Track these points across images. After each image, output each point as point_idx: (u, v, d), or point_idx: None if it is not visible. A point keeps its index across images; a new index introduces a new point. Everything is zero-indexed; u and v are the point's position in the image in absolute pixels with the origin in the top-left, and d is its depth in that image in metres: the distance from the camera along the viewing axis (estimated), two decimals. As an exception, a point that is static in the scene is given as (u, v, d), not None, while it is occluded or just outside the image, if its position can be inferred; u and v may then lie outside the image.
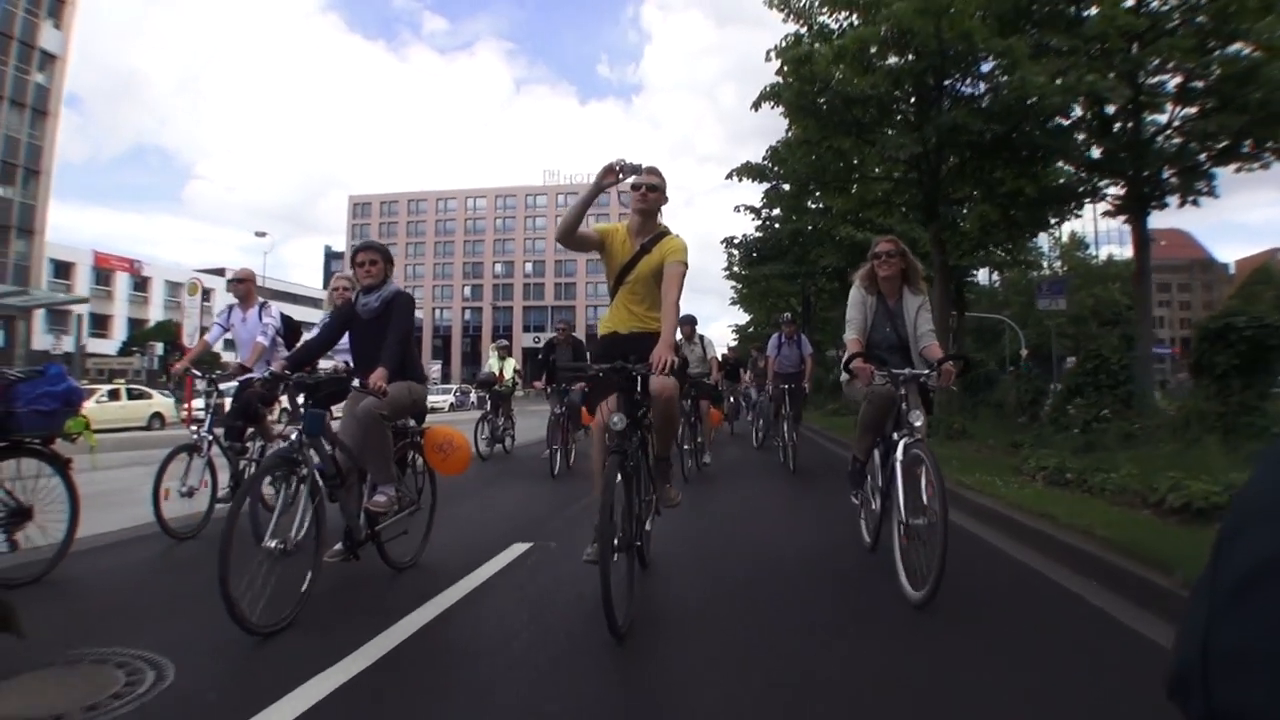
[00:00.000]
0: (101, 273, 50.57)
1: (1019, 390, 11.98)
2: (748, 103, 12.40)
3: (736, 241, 22.83)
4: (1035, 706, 2.43)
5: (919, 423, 3.71)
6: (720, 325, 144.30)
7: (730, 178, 14.28)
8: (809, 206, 18.49)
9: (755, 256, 22.03)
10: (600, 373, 3.53)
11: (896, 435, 3.79)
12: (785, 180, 15.00)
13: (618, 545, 3.11)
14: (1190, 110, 12.45)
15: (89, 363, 41.44)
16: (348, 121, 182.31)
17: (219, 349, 6.87)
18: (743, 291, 31.42)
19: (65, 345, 35.72)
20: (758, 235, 21.62)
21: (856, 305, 4.30)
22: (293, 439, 3.52)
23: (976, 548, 4.74)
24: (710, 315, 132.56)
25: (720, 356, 13.27)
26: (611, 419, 3.31)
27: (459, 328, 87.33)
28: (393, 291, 4.14)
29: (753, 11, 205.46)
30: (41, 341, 40.76)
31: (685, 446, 8.35)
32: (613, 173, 3.43)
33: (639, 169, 3.54)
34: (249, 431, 5.55)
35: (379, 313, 4.08)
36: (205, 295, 58.01)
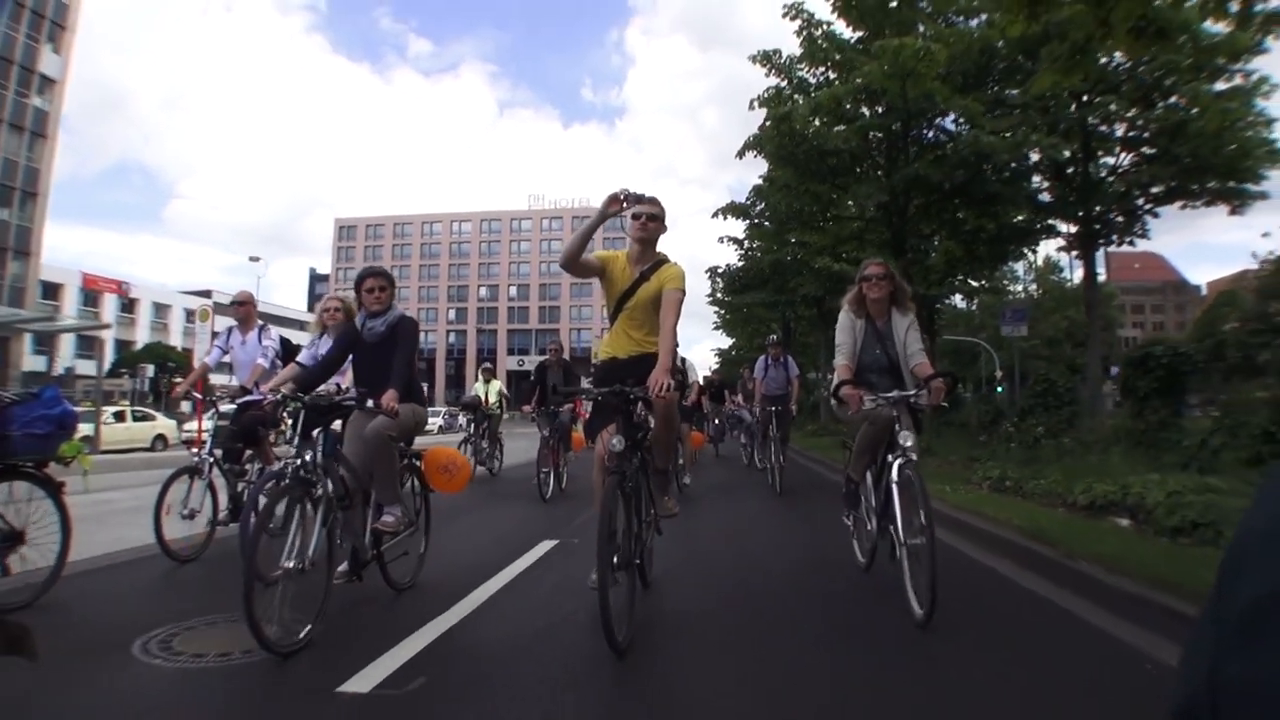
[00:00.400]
0: (89, 294, 50.70)
1: (979, 411, 13.17)
2: (730, 126, 14.19)
3: (720, 271, 24.07)
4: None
5: (910, 443, 3.75)
6: (703, 348, 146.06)
7: (716, 216, 15.48)
8: (789, 240, 19.73)
9: (738, 285, 23.21)
10: (599, 396, 3.64)
11: (891, 457, 3.84)
12: (766, 219, 16.23)
13: (617, 564, 3.20)
14: (1134, 156, 13.91)
15: (79, 384, 41.78)
16: (332, 142, 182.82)
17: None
18: (726, 317, 32.66)
19: (60, 367, 36.22)
20: (740, 265, 22.84)
21: (845, 330, 4.30)
22: (306, 459, 3.51)
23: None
24: (692, 338, 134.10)
25: (704, 379, 14.13)
26: (611, 441, 3.41)
27: (443, 350, 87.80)
28: (397, 316, 4.20)
29: (735, 36, 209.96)
30: (32, 363, 41.25)
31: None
32: (617, 201, 3.50)
33: (642, 198, 3.66)
34: (247, 454, 5.55)
35: (384, 337, 4.13)
36: (190, 317, 58.64)
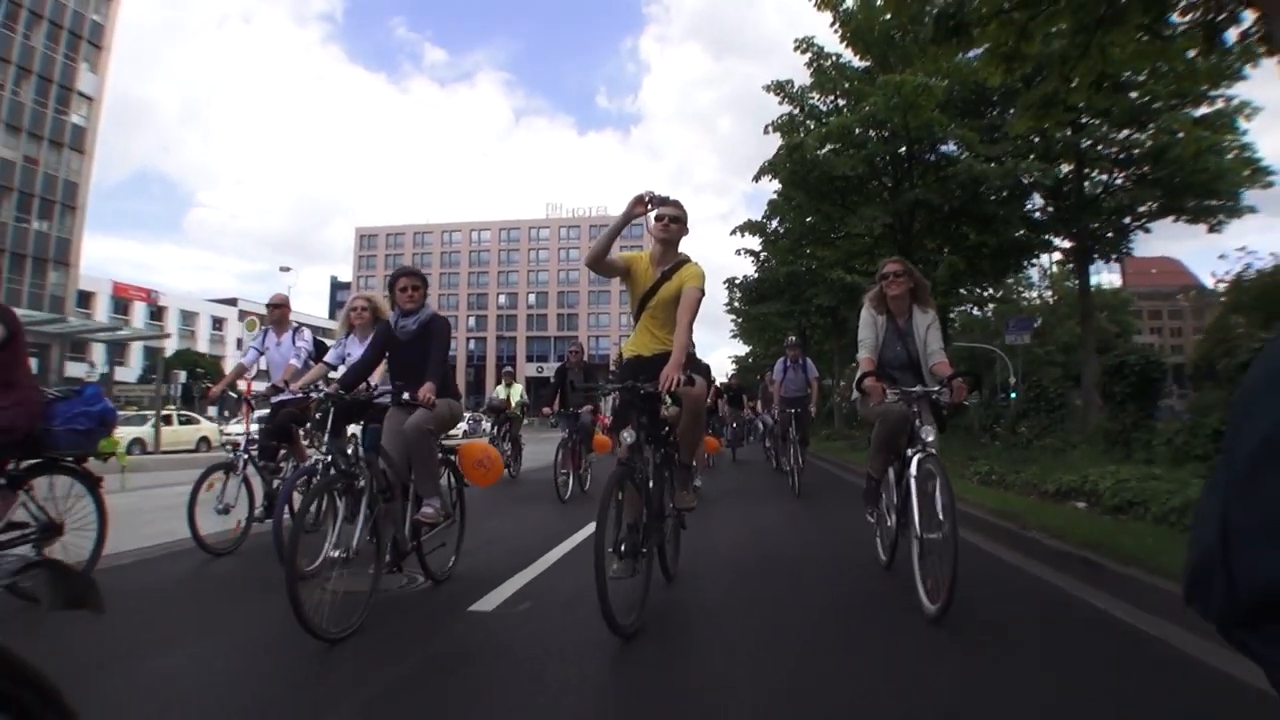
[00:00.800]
0: (120, 302, 52.31)
1: (980, 415, 14.13)
2: (744, 133, 15.48)
3: (738, 282, 25.18)
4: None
5: (931, 438, 3.77)
6: (720, 355, 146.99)
7: (734, 234, 16.58)
8: (805, 251, 20.80)
9: (754, 296, 24.31)
10: (611, 390, 3.77)
11: (911, 452, 3.85)
12: (781, 237, 17.34)
13: (625, 551, 3.34)
14: (1123, 175, 14.88)
15: (114, 389, 43.37)
16: (350, 151, 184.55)
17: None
18: (743, 325, 33.72)
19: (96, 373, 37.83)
20: (756, 276, 23.93)
21: (867, 325, 4.33)
22: (347, 454, 3.71)
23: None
24: (710, 345, 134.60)
25: (722, 384, 14.33)
26: (622, 434, 3.52)
27: (463, 358, 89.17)
28: (430, 315, 4.30)
29: (749, 44, 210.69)
30: (72, 370, 42.96)
31: None
32: (642, 203, 3.60)
33: (666, 200, 3.77)
34: (282, 451, 5.68)
35: (416, 335, 4.23)
36: (217, 325, 60.29)
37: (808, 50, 13.95)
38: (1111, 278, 52.36)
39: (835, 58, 14.20)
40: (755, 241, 20.80)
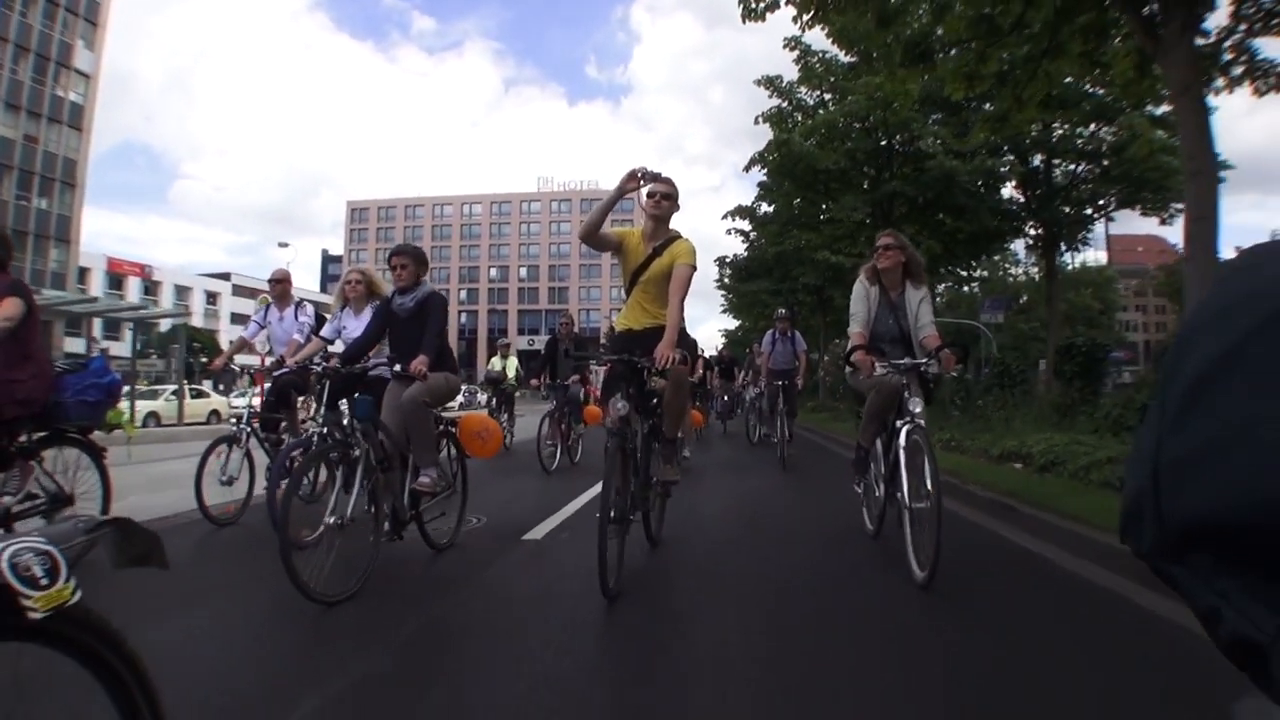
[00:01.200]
0: (114, 277, 52.45)
1: (951, 389, 15.32)
2: (736, 104, 16.31)
3: (728, 260, 26.25)
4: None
5: (918, 410, 3.81)
6: (709, 328, 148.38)
7: (725, 218, 17.63)
8: (792, 233, 21.90)
9: (744, 274, 25.40)
10: (610, 361, 3.87)
11: (899, 423, 3.88)
12: (770, 221, 18.42)
13: (615, 517, 3.41)
14: (1088, 166, 15.99)
15: (113, 364, 43.83)
16: (337, 121, 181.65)
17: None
18: (733, 301, 34.80)
19: (97, 348, 38.48)
20: (746, 256, 25.00)
21: (860, 299, 4.35)
22: (343, 425, 3.82)
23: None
24: (699, 318, 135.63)
25: (713, 356, 14.82)
26: (615, 404, 3.59)
27: (455, 331, 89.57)
28: (426, 292, 4.37)
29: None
30: (71, 345, 43.50)
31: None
32: (635, 179, 3.61)
33: (659, 177, 3.80)
34: (283, 425, 5.76)
35: (414, 312, 4.30)
36: (211, 300, 60.54)
37: (796, 48, 14.89)
38: (1098, 254, 52.91)
39: (823, 54, 15.16)
40: (745, 224, 21.80)
